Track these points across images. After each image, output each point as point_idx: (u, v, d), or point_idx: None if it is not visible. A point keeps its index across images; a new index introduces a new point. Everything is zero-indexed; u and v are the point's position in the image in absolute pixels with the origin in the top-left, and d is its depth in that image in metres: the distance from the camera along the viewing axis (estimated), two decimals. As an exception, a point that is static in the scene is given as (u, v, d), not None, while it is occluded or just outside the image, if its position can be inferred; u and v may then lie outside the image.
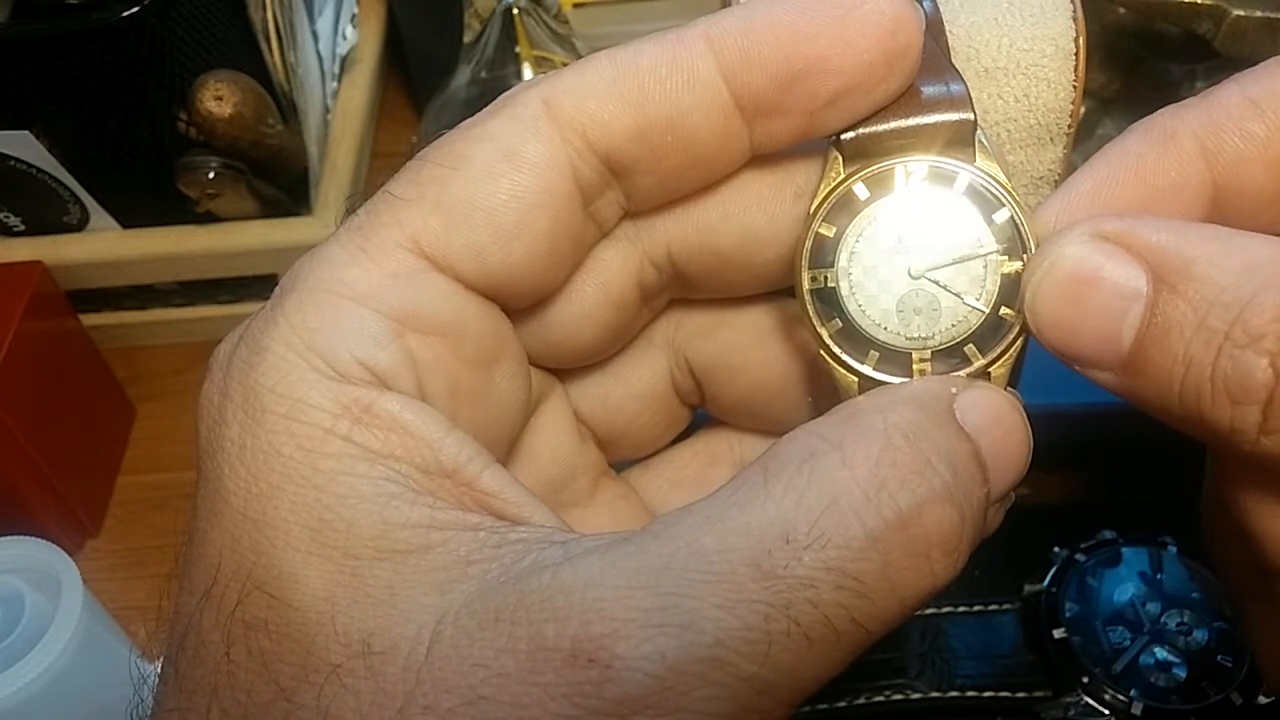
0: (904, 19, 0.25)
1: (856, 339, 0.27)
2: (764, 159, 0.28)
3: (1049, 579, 0.49)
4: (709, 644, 0.20)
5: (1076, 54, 0.33)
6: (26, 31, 0.58)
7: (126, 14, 0.57)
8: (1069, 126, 0.33)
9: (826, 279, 0.27)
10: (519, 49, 0.72)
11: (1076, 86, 0.33)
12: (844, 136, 0.26)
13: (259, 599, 0.23)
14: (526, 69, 0.72)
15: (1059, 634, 0.47)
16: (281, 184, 0.69)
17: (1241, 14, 0.52)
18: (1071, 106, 0.33)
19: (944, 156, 0.26)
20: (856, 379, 0.27)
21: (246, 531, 0.23)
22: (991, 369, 0.26)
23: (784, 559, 0.21)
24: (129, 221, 0.68)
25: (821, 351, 0.27)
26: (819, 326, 0.27)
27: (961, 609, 0.49)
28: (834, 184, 0.27)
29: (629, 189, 0.27)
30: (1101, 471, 0.57)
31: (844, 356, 0.27)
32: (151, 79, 0.60)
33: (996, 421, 0.24)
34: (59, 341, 0.65)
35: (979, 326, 0.26)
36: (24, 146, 0.62)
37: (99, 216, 0.68)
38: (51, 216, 0.67)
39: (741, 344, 0.32)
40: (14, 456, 0.58)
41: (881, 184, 0.27)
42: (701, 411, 0.35)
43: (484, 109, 0.27)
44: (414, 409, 0.24)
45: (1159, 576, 0.49)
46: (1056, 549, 0.50)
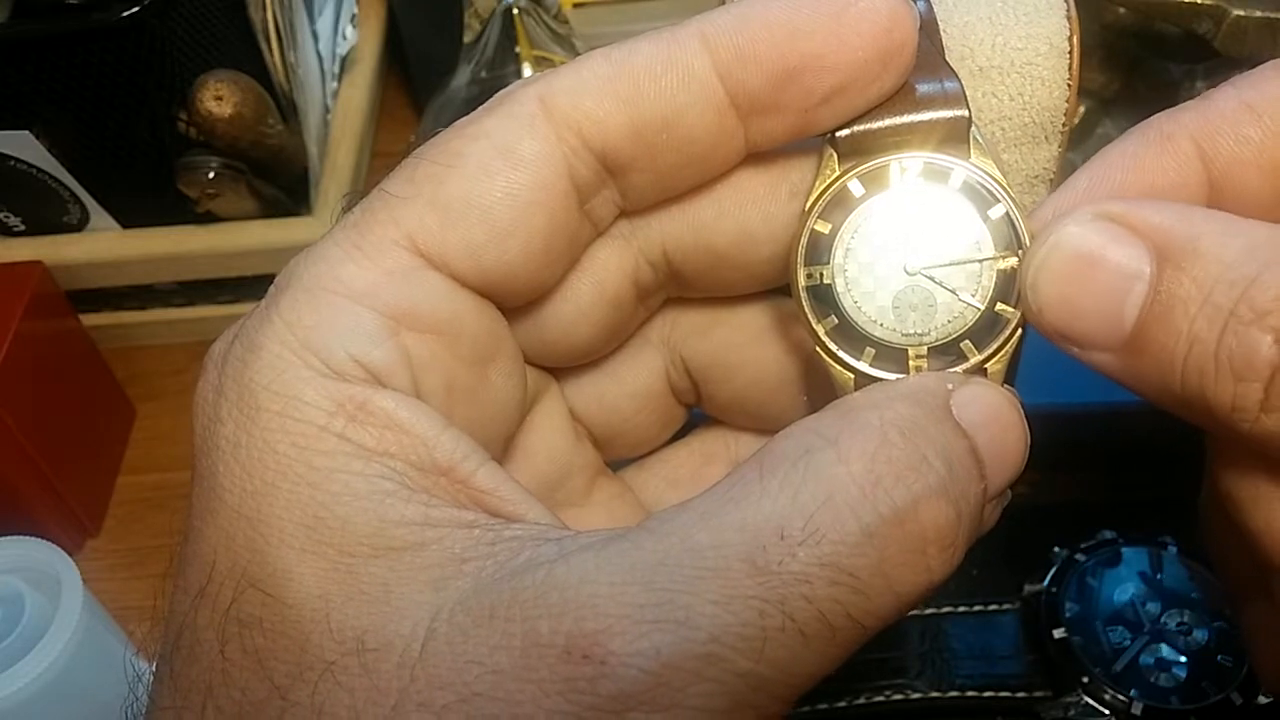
0: (899, 17, 0.25)
1: (852, 336, 0.27)
2: (759, 157, 0.28)
3: (1049, 579, 0.49)
4: (704, 640, 0.20)
5: (1071, 52, 0.32)
6: (26, 31, 0.58)
7: (126, 14, 0.57)
8: (1064, 125, 0.33)
9: (822, 276, 0.27)
10: (519, 49, 0.72)
11: (1071, 85, 0.33)
12: (839, 134, 0.26)
13: (254, 596, 0.23)
14: (526, 69, 0.72)
15: (1059, 634, 0.47)
16: (281, 184, 0.69)
17: (1241, 14, 0.52)
18: (1066, 105, 0.33)
19: (939, 153, 0.26)
20: (853, 376, 0.27)
21: (241, 529, 0.23)
22: (988, 365, 0.26)
23: (779, 555, 0.21)
24: (129, 221, 0.68)
25: (817, 348, 0.27)
26: (815, 323, 0.27)
27: (961, 609, 0.49)
28: (829, 181, 0.27)
29: (624, 187, 0.27)
30: (1101, 471, 0.57)
31: (840, 353, 0.27)
32: (151, 79, 0.60)
33: (993, 417, 0.24)
34: (59, 341, 0.66)
35: (975, 323, 0.26)
36: (24, 146, 0.62)
37: (99, 216, 0.68)
38: (51, 216, 0.67)
39: (737, 342, 0.32)
40: (14, 456, 0.58)
41: (877, 181, 0.26)
42: (697, 410, 0.35)
43: (480, 107, 0.27)
44: (409, 406, 0.24)
45: (1159, 576, 0.49)
46: (1056, 549, 0.50)
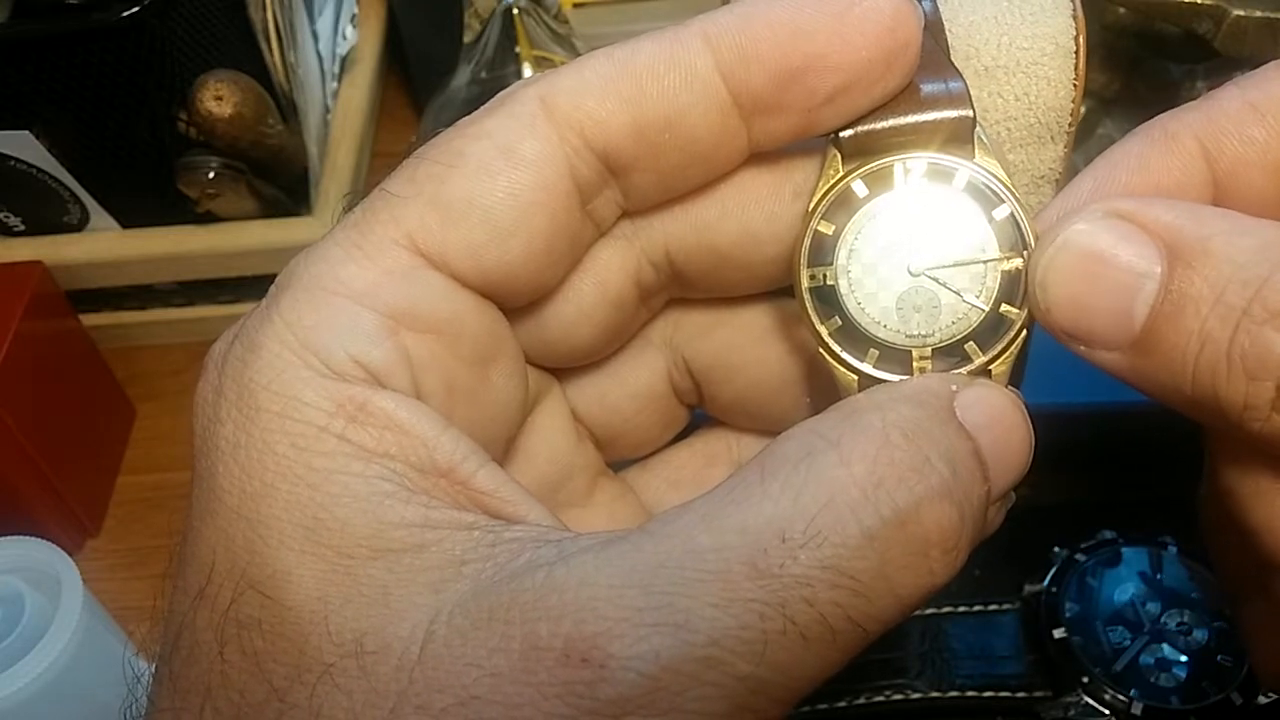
0: (903, 16, 0.25)
1: (856, 337, 0.27)
2: (762, 157, 0.28)
3: (1049, 579, 0.49)
4: (703, 643, 0.20)
5: (1076, 52, 0.32)
6: (26, 31, 0.58)
7: (126, 14, 0.57)
8: (1069, 125, 0.33)
9: (825, 277, 0.27)
10: (519, 49, 0.72)
11: (1077, 85, 0.33)
12: (843, 134, 0.26)
13: (252, 598, 0.22)
14: (526, 69, 0.72)
15: (1059, 634, 0.47)
16: (281, 184, 0.68)
17: (1241, 14, 0.52)
18: (1072, 105, 0.33)
19: (943, 153, 0.26)
20: (856, 377, 0.27)
21: (240, 530, 0.23)
22: (992, 367, 0.26)
23: (780, 557, 0.21)
24: (129, 221, 0.68)
25: (821, 350, 0.27)
26: (818, 324, 0.27)
27: (961, 609, 0.49)
28: (832, 181, 0.27)
29: (627, 187, 0.27)
30: (1101, 471, 0.57)
31: (843, 355, 0.27)
32: (151, 79, 0.60)
33: (997, 419, 0.24)
34: (59, 341, 0.65)
35: (979, 324, 0.26)
36: (24, 146, 0.62)
37: (99, 216, 0.68)
38: (51, 216, 0.67)
39: (740, 343, 0.32)
40: (14, 456, 0.58)
41: (880, 181, 0.26)
42: (699, 411, 0.35)
43: (481, 107, 0.26)
44: (409, 407, 0.24)
45: (1159, 576, 0.49)
46: (1056, 549, 0.50)
